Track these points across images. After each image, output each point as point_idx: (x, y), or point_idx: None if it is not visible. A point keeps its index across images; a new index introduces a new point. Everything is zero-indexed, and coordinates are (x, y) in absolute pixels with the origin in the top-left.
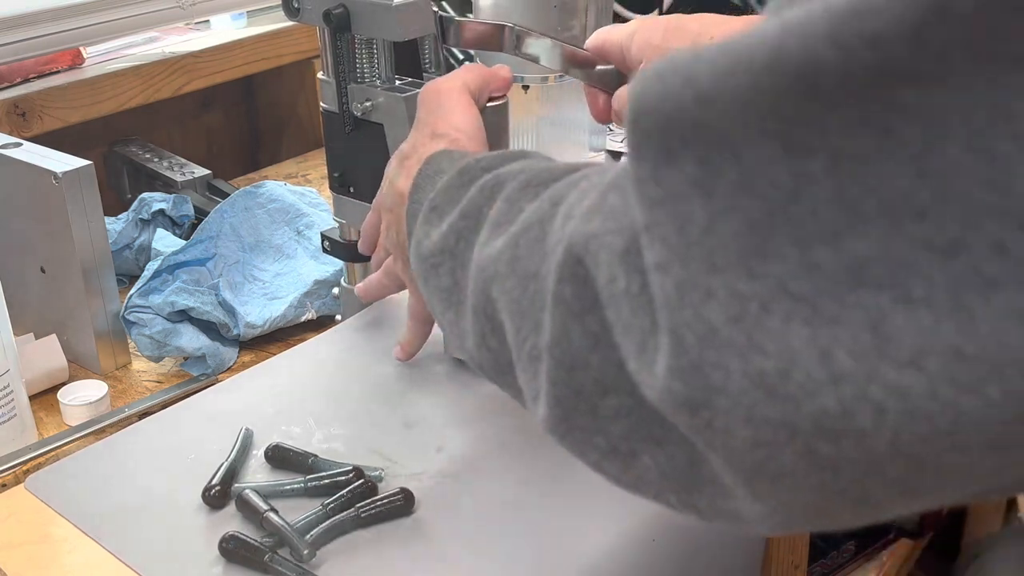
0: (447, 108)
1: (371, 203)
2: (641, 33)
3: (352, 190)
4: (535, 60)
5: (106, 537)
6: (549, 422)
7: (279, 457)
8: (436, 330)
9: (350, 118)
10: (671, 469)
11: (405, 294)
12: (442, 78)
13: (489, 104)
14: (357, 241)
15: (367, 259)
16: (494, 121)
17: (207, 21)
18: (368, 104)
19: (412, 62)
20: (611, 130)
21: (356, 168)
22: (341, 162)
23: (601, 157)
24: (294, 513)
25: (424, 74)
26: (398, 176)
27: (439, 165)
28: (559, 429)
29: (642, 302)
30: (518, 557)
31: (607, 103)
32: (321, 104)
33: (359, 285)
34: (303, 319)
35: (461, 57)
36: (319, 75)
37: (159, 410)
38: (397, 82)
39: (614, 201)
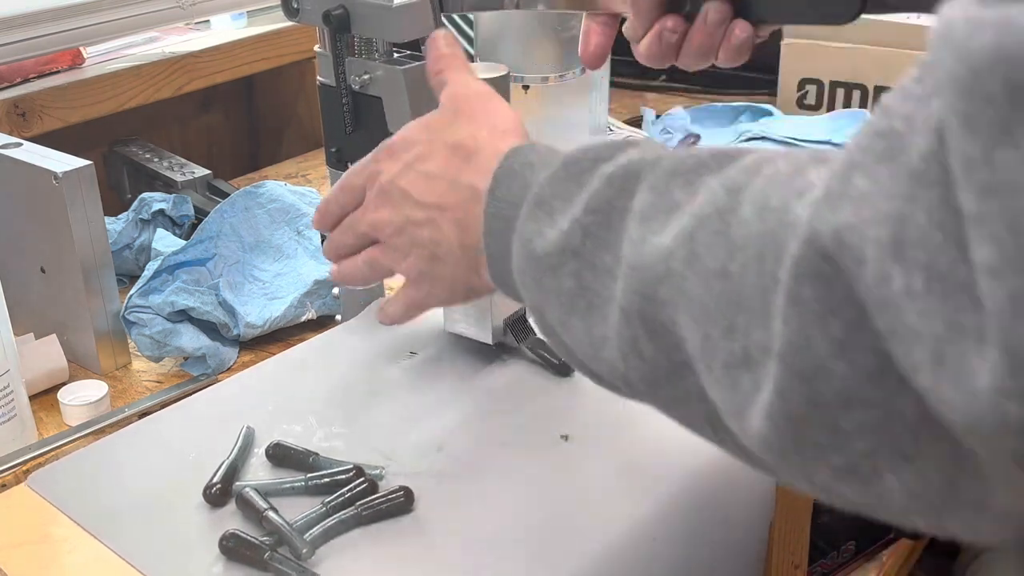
0: (496, 106)
1: None
2: None
3: (350, 165)
4: (535, 6)
5: (107, 535)
6: (770, 438)
7: (280, 455)
8: (432, 314)
9: (348, 92)
10: (922, 489)
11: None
12: (459, 84)
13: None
14: None
15: None
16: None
17: (207, 21)
18: (366, 77)
19: None
20: (611, 130)
21: (354, 143)
22: (339, 137)
23: None
24: (295, 511)
25: (421, 47)
26: (461, 171)
27: (526, 158)
28: (782, 445)
29: (932, 304)
30: (518, 555)
31: (600, 45)
32: (318, 78)
33: (332, 268)
34: (303, 319)
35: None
36: (315, 47)
37: (159, 410)
38: (395, 55)
39: (864, 185)
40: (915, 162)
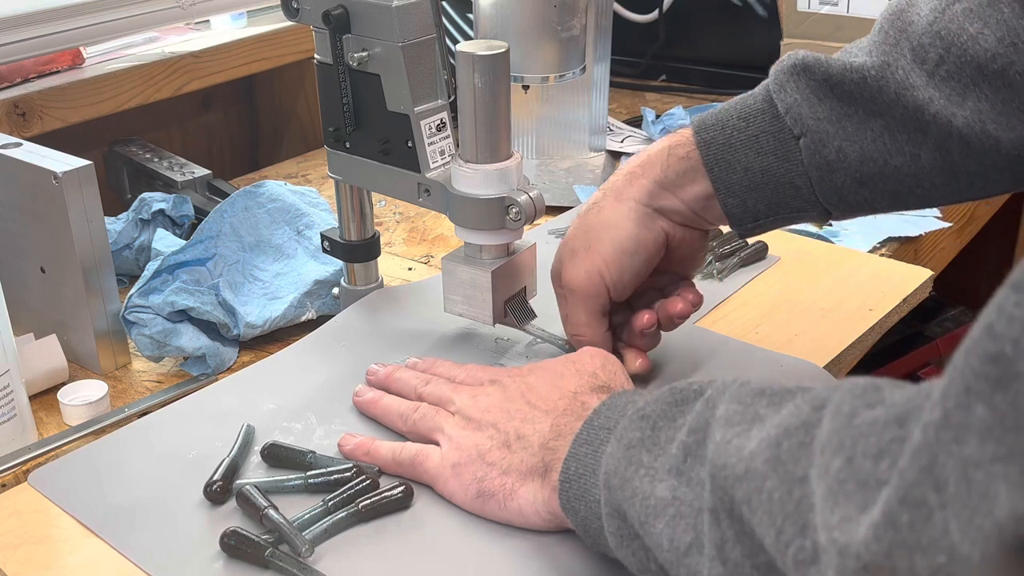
0: (593, 368)
1: (367, 159)
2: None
3: (348, 145)
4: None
5: (108, 533)
6: None
7: (275, 455)
8: (432, 313)
9: (345, 70)
10: None
11: (402, 289)
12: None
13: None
14: (357, 241)
15: (367, 259)
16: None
17: (207, 21)
18: (364, 54)
19: None
20: (610, 130)
21: (352, 122)
22: (336, 116)
23: (601, 157)
24: (295, 509)
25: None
26: (581, 392)
27: (632, 396)
28: None
29: None
30: (517, 550)
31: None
32: (315, 56)
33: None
34: (303, 319)
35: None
36: (312, 26)
37: (159, 410)
38: None
39: (986, 416)
40: None
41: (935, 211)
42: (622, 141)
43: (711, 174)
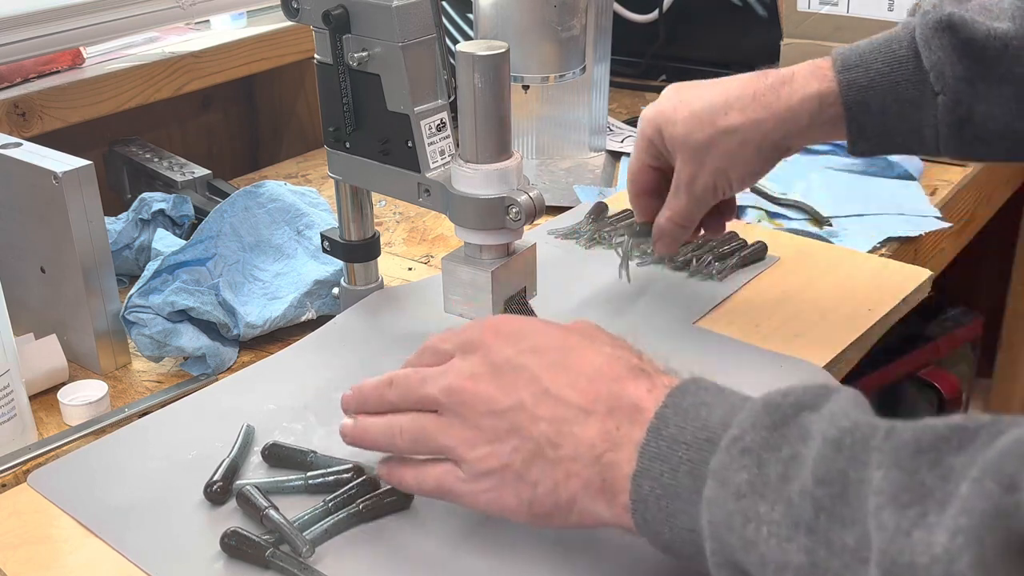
0: (603, 338)
1: (367, 159)
2: (666, 129)
3: (348, 145)
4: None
5: (108, 534)
6: None
7: (276, 455)
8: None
9: (345, 70)
10: None
11: (402, 289)
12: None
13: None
14: (357, 241)
15: (367, 259)
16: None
17: (207, 21)
18: (364, 55)
19: None
20: (610, 130)
21: (352, 122)
22: (336, 116)
23: (601, 157)
24: (295, 509)
25: None
26: (623, 381)
27: (698, 398)
28: None
29: None
30: (518, 550)
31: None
32: (315, 56)
33: (347, 423)
34: (303, 319)
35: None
36: (312, 26)
37: (159, 410)
38: None
39: None
40: None
41: (935, 211)
42: (622, 141)
43: (848, 113)
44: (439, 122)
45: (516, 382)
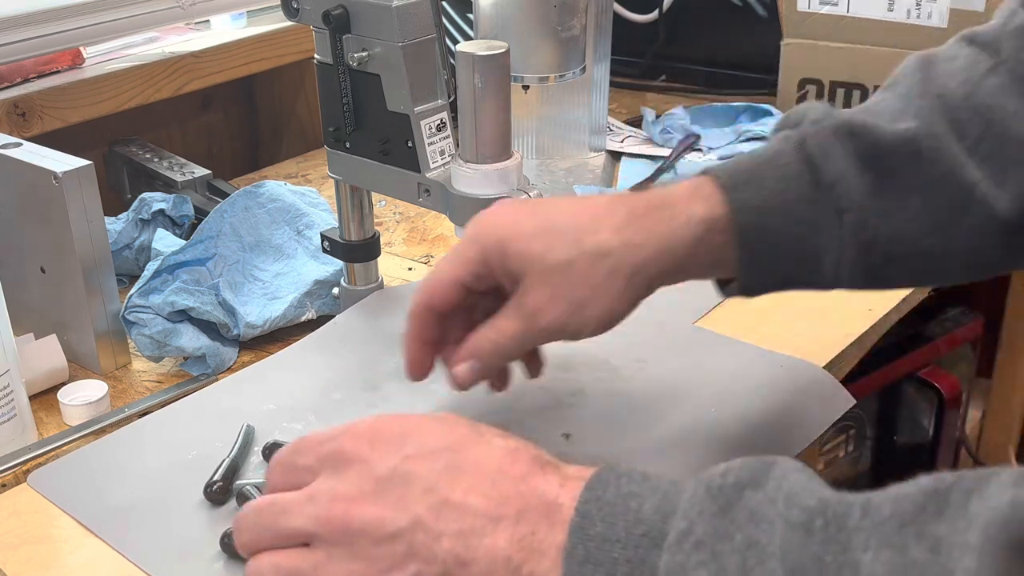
0: (488, 430)
1: (367, 159)
2: (512, 244)
3: (348, 145)
4: None
5: (108, 534)
6: None
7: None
8: None
9: (345, 70)
10: None
11: (402, 289)
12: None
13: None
14: (357, 241)
15: (367, 259)
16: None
17: (207, 21)
18: (364, 55)
19: None
20: (610, 130)
21: (352, 122)
22: (336, 116)
23: (601, 157)
24: None
25: None
26: (529, 475)
27: (623, 488)
28: None
29: None
30: None
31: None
32: (315, 56)
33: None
34: (303, 319)
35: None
36: (313, 26)
37: (159, 410)
38: None
39: None
40: None
41: None
42: (622, 141)
43: (740, 239)
44: (439, 122)
45: (407, 496)
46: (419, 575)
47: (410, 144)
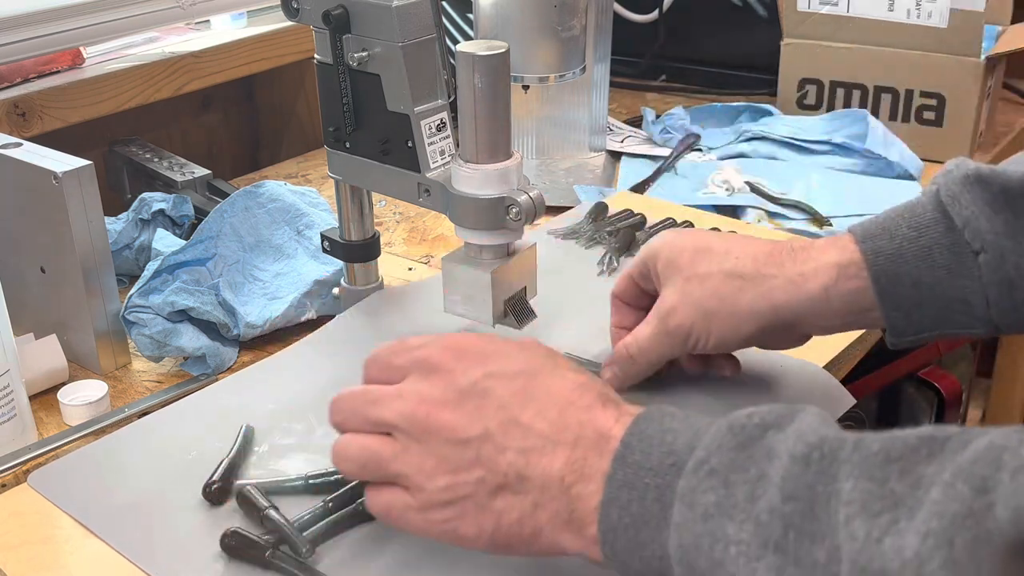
0: (564, 363)
1: (367, 159)
2: (666, 253)
3: (348, 145)
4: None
5: (108, 534)
6: None
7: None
8: (432, 314)
9: (345, 70)
10: None
11: (402, 289)
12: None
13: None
14: (357, 241)
15: (367, 259)
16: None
17: (207, 21)
18: (364, 55)
19: None
20: (610, 130)
21: (352, 122)
22: (337, 116)
23: (601, 157)
24: (295, 509)
25: None
26: (590, 409)
27: (663, 424)
28: None
29: None
30: None
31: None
32: (315, 56)
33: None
34: (303, 319)
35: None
36: (313, 26)
37: (159, 410)
38: None
39: None
40: None
41: None
42: (622, 141)
43: (876, 285)
44: (439, 122)
45: (482, 409)
46: (482, 480)
47: (410, 144)
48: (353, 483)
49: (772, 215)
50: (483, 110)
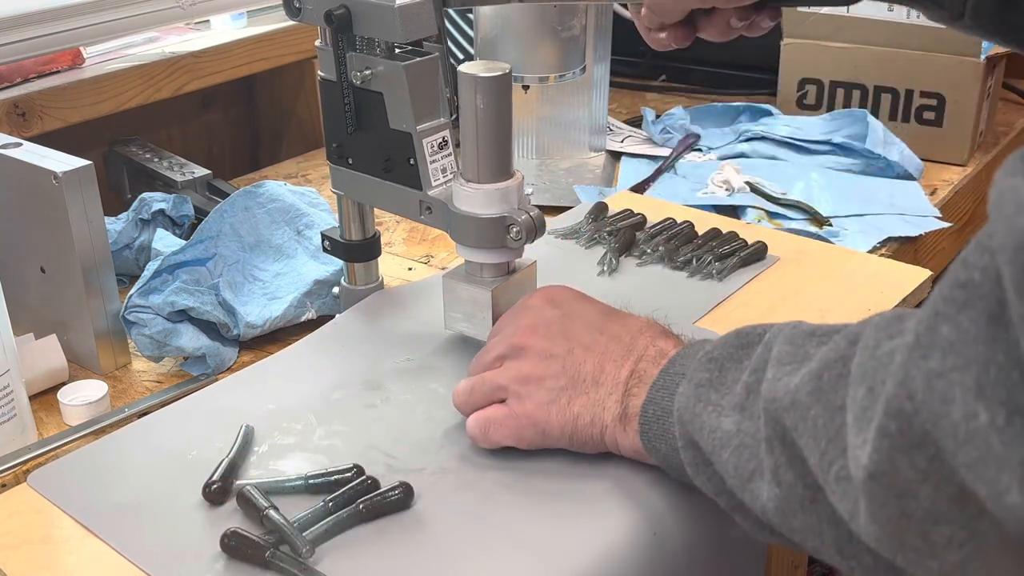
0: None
1: (369, 175)
2: None
3: (351, 161)
4: None
5: (108, 534)
6: (878, 539)
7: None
8: (432, 314)
9: (349, 87)
10: None
11: (402, 289)
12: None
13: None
14: (358, 241)
15: (367, 259)
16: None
17: (207, 21)
18: (368, 72)
19: None
20: (610, 130)
21: (355, 139)
22: (340, 133)
23: (601, 157)
24: (295, 509)
25: (423, 42)
26: (657, 337)
27: (705, 345)
28: (889, 546)
29: (1013, 434)
30: (518, 550)
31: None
32: (319, 73)
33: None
34: (303, 319)
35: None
36: (316, 43)
37: (159, 410)
38: (397, 50)
39: (949, 334)
40: (993, 307)
41: (935, 211)
42: (622, 141)
43: None
44: (441, 140)
45: (568, 336)
46: (564, 388)
47: (412, 162)
48: (353, 483)
49: (772, 215)
50: (485, 130)
